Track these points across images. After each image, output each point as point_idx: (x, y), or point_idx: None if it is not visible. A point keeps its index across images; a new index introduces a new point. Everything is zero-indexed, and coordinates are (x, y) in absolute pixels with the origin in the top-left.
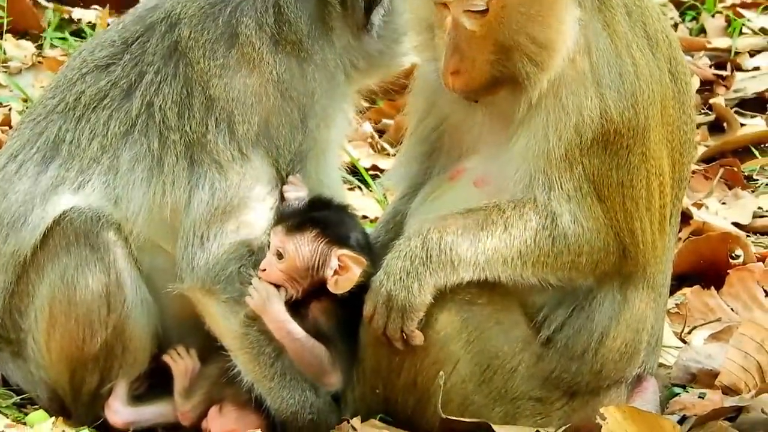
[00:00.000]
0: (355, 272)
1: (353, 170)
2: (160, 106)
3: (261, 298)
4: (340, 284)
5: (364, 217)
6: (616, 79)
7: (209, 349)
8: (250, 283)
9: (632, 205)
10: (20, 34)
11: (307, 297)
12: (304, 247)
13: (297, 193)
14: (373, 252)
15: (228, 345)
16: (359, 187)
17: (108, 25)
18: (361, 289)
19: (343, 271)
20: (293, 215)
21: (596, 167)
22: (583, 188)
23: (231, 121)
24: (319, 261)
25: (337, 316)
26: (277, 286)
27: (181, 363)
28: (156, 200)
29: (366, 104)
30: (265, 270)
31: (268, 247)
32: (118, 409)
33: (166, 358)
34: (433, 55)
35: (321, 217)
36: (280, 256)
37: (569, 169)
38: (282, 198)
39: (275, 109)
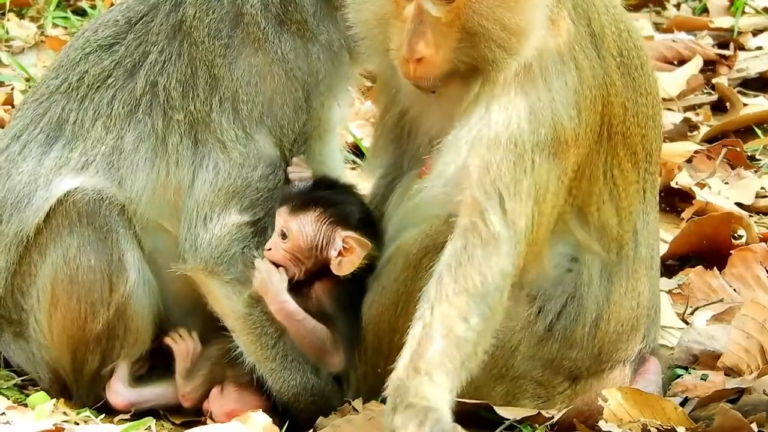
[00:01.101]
0: (359, 254)
1: (355, 150)
2: (164, 85)
3: (263, 278)
4: (343, 266)
5: None
6: (562, 86)
7: (210, 330)
8: (253, 264)
9: (550, 210)
10: (22, 13)
11: (310, 277)
12: (308, 226)
13: (301, 174)
14: (378, 232)
15: (230, 326)
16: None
17: (112, 3)
18: (365, 269)
19: (347, 252)
20: (298, 195)
21: (536, 172)
22: (520, 189)
23: (235, 101)
24: (323, 241)
25: (340, 297)
26: (279, 267)
27: (183, 344)
28: (160, 180)
29: (368, 84)
30: (270, 249)
31: (272, 227)
32: (119, 390)
33: (167, 339)
34: (385, 46)
35: (326, 197)
36: (284, 236)
37: (512, 170)
38: (286, 179)
39: (280, 89)
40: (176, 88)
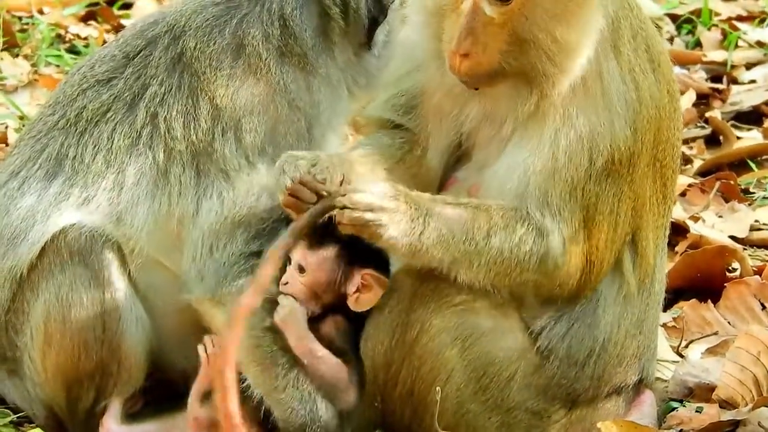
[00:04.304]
0: (377, 292)
1: None
2: (165, 116)
3: (286, 314)
4: (361, 302)
5: None
6: (623, 106)
7: None
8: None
9: (613, 234)
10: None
11: (323, 312)
12: (327, 262)
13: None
14: (390, 269)
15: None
16: None
17: (104, 41)
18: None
19: (365, 289)
20: (315, 230)
21: (595, 194)
22: (575, 213)
23: (238, 130)
24: (341, 277)
25: (351, 332)
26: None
27: (213, 360)
28: (162, 212)
29: (360, 120)
30: (287, 283)
31: (289, 262)
32: (112, 428)
33: (200, 347)
34: (438, 36)
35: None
36: (301, 270)
37: (570, 192)
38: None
39: (282, 118)
40: (177, 119)
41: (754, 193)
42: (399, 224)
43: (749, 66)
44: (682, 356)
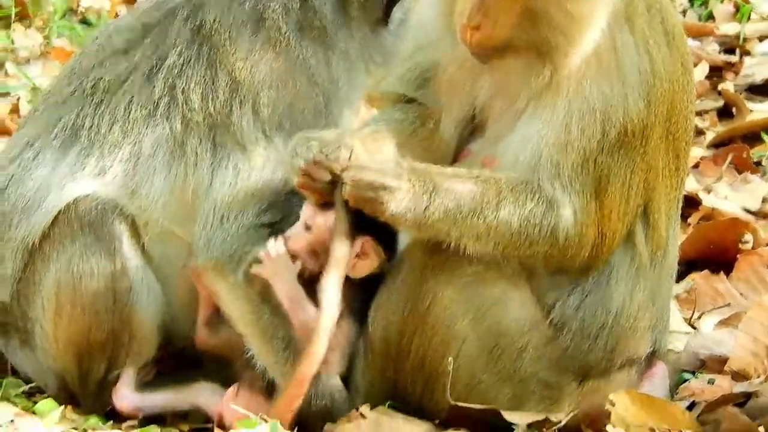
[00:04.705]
0: (374, 260)
1: None
2: (183, 88)
3: (275, 260)
4: (357, 269)
5: None
6: (636, 78)
7: None
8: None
9: (625, 206)
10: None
11: (318, 276)
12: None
13: None
14: (396, 244)
15: (241, 330)
16: None
17: (116, 13)
18: (374, 277)
19: (363, 256)
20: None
21: (607, 166)
22: (587, 184)
23: (256, 104)
24: None
25: (347, 299)
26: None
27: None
28: (177, 183)
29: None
30: (290, 237)
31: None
32: (126, 395)
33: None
34: (450, 8)
35: None
36: (308, 228)
37: (582, 164)
38: None
39: (301, 93)
40: (195, 91)
41: (766, 165)
42: (401, 201)
43: (762, 38)
44: (694, 328)
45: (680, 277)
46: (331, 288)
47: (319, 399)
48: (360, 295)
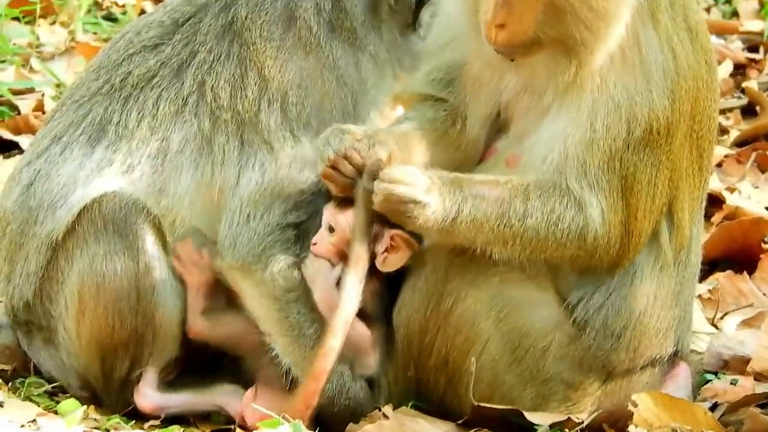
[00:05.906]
0: (405, 253)
1: None
2: (212, 85)
3: (314, 269)
4: (388, 262)
5: None
6: (660, 75)
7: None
8: (291, 266)
9: (651, 204)
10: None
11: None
12: None
13: None
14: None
15: (266, 329)
16: None
17: (142, 9)
18: (400, 272)
19: (393, 250)
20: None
21: (633, 164)
22: (613, 183)
23: (284, 103)
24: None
25: (380, 297)
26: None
27: (192, 275)
28: (204, 180)
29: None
30: (316, 244)
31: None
32: (148, 394)
33: (174, 258)
34: (474, 6)
35: None
36: (331, 229)
37: (608, 162)
38: None
39: (330, 94)
40: (224, 88)
41: None
42: (431, 215)
43: None
44: (717, 328)
45: (703, 276)
46: (351, 284)
47: (343, 399)
48: (389, 298)
